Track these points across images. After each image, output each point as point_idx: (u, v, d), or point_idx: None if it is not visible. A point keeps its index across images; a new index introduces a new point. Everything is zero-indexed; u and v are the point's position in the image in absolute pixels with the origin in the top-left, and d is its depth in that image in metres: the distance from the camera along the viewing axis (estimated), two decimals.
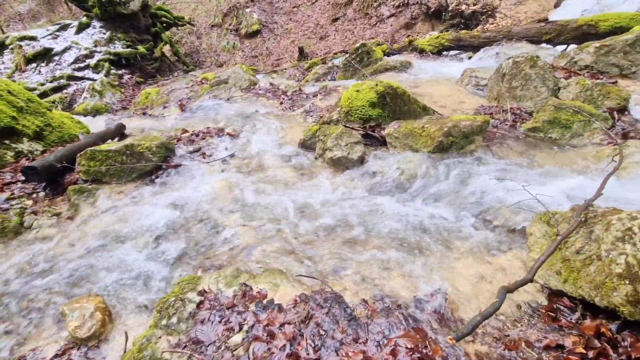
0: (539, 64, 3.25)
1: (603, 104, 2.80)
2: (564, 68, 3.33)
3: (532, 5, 9.36)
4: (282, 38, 15.80)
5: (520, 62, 3.34)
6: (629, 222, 1.28)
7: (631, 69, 3.19)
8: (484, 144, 2.60)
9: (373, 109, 2.93)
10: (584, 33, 4.43)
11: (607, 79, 3.13)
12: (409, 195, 2.30)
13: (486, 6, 9.86)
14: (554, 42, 4.73)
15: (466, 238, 1.95)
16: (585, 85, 2.88)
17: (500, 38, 5.23)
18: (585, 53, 3.30)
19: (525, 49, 4.80)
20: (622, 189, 2.05)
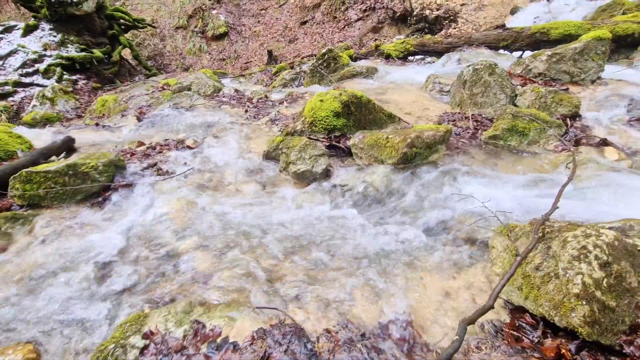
0: (497, 72, 3.34)
1: (557, 111, 2.91)
2: (520, 75, 3.44)
3: (490, 11, 9.79)
4: (251, 41, 15.53)
5: (480, 69, 3.41)
6: (583, 239, 1.28)
7: (580, 75, 3.34)
8: (447, 153, 2.61)
9: (337, 119, 2.87)
10: (537, 40, 4.63)
11: (560, 86, 3.26)
12: (374, 209, 2.25)
13: (448, 11, 10.20)
14: (511, 48, 4.92)
15: (431, 253, 1.92)
16: (540, 92, 2.98)
17: (462, 44, 5.37)
18: (538, 61, 3.42)
19: (485, 54, 4.96)
20: (578, 194, 2.10)
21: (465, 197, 2.17)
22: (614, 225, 1.42)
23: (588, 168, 2.29)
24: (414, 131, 2.47)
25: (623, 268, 1.22)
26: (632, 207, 1.90)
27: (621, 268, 1.22)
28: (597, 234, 1.29)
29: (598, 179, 2.20)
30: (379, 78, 4.95)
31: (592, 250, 1.24)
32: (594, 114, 2.94)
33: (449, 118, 3.46)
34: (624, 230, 1.39)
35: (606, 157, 2.37)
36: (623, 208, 1.94)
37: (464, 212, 2.09)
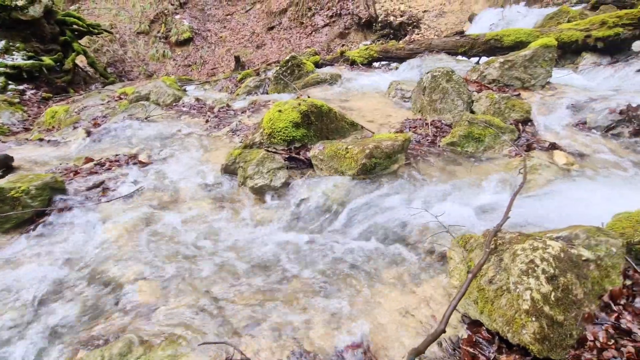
0: (454, 78, 3.41)
1: (510, 116, 2.99)
2: (476, 81, 3.53)
3: (450, 17, 10.18)
4: (217, 46, 15.19)
5: (438, 76, 3.47)
6: (531, 253, 1.28)
7: (531, 81, 3.48)
8: (407, 162, 2.60)
9: (297, 129, 2.79)
10: (492, 47, 4.81)
11: (512, 92, 3.38)
12: (333, 224, 2.18)
13: (411, 18, 10.49)
14: (468, 54, 5.08)
15: (391, 267, 1.88)
16: (494, 98, 3.06)
17: (423, 50, 5.49)
18: (492, 68, 3.53)
19: (445, 60, 5.09)
20: (530, 200, 2.15)
21: (426, 206, 2.16)
22: (561, 234, 1.43)
23: (539, 173, 2.35)
24: (373, 141, 2.44)
25: (569, 280, 1.22)
26: (580, 211, 1.96)
27: (567, 280, 1.22)
28: (544, 247, 1.29)
29: (549, 183, 2.26)
30: (343, 85, 4.94)
31: (539, 264, 1.23)
32: (544, 119, 3.06)
33: (410, 124, 3.48)
34: (570, 239, 1.41)
35: (555, 161, 2.45)
36: (572, 213, 1.99)
37: (424, 223, 2.07)
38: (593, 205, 2.02)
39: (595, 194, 2.13)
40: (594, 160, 2.55)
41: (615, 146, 2.73)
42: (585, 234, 1.41)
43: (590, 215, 1.91)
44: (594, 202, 2.05)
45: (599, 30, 3.96)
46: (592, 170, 2.42)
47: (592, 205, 2.02)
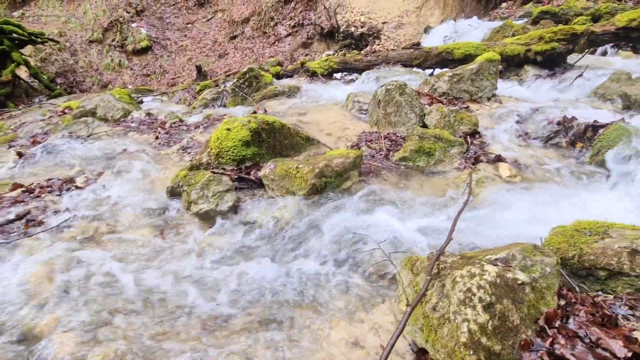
0: (407, 92, 3.46)
1: (459, 129, 3.07)
2: (427, 94, 3.61)
3: (408, 29, 10.57)
4: (178, 55, 14.71)
5: (391, 89, 3.51)
6: (469, 280, 1.25)
7: (478, 94, 3.62)
8: (360, 178, 2.57)
9: (247, 148, 2.68)
10: (444, 59, 4.99)
11: (461, 104, 3.49)
12: (283, 248, 2.09)
13: (372, 29, 10.76)
14: (422, 66, 5.23)
15: (340, 294, 1.81)
16: (444, 112, 3.13)
17: (380, 62, 5.59)
18: (442, 81, 3.64)
19: (401, 72, 5.21)
20: (475, 215, 2.18)
21: (377, 226, 2.12)
22: (499, 255, 1.44)
23: (485, 186, 2.41)
24: (324, 159, 2.39)
25: (506, 307, 1.21)
26: (521, 226, 2.01)
27: (504, 307, 1.21)
28: (481, 272, 1.28)
29: (493, 197, 2.32)
30: (302, 97, 4.89)
31: (476, 292, 1.21)
32: (491, 131, 3.17)
33: (366, 138, 3.48)
34: (508, 260, 1.41)
35: (500, 174, 2.53)
36: (514, 227, 2.04)
37: (375, 243, 2.03)
38: (533, 218, 2.08)
39: (535, 206, 2.20)
40: (535, 171, 2.66)
41: (554, 156, 2.87)
42: (521, 254, 1.42)
43: (530, 229, 1.96)
44: (534, 215, 2.11)
45: (537, 44, 4.22)
46: (533, 182, 2.52)
47: (532, 218, 2.08)
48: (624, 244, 1.49)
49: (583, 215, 2.14)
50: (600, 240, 1.56)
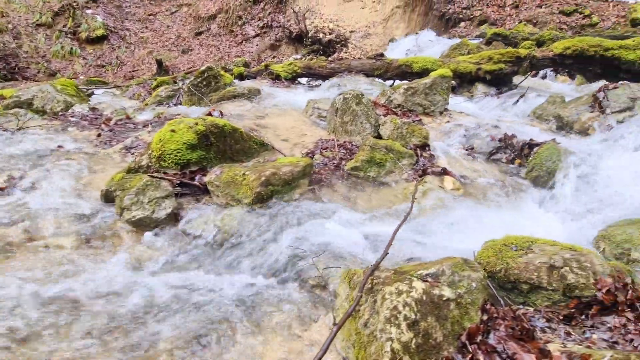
0: (364, 101, 3.50)
1: (411, 141, 3.15)
2: (383, 105, 3.68)
3: (375, 39, 10.85)
4: (137, 47, 13.92)
5: (349, 98, 3.54)
6: (396, 298, 1.25)
7: (431, 108, 3.75)
8: (309, 187, 2.53)
9: (193, 151, 2.54)
10: (403, 71, 5.14)
11: (415, 117, 3.59)
12: (222, 260, 1.99)
13: (340, 37, 10.91)
14: (383, 77, 5.36)
15: (278, 309, 1.74)
16: (397, 124, 3.20)
17: (343, 70, 5.65)
18: (397, 93, 3.73)
19: (362, 81, 5.30)
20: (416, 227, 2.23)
21: (321, 237, 2.09)
22: (430, 270, 1.46)
23: (430, 198, 2.48)
24: (272, 167, 2.32)
25: (429, 324, 1.22)
26: (458, 238, 2.08)
27: (428, 324, 1.22)
28: (408, 290, 1.28)
29: (436, 209, 2.39)
30: (262, 100, 4.79)
31: (402, 310, 1.21)
32: (440, 144, 3.30)
33: (322, 145, 3.46)
34: (438, 275, 1.44)
35: (444, 186, 2.62)
36: (452, 238, 2.11)
37: (320, 255, 2.00)
38: (470, 231, 2.17)
39: (474, 219, 2.30)
40: (477, 185, 2.79)
41: (495, 171, 3.04)
42: (450, 270, 1.45)
43: (468, 241, 2.03)
44: (471, 227, 2.20)
45: (487, 64, 4.49)
46: (474, 195, 2.63)
47: (469, 231, 2.16)
48: (543, 260, 1.58)
49: (517, 229, 2.27)
50: (524, 255, 1.65)
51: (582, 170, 2.62)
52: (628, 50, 3.90)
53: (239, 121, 4.04)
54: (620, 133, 3.03)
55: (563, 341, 1.40)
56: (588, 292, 1.48)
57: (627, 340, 1.36)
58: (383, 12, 11.08)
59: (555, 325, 1.49)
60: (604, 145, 2.97)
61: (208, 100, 4.65)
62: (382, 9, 10.89)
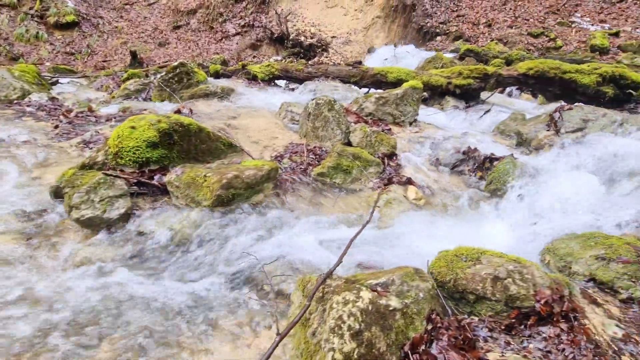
0: (336, 108, 3.53)
1: (379, 150, 3.21)
2: (355, 113, 3.72)
3: (355, 46, 11.01)
4: (111, 37, 13.35)
5: (321, 104, 3.55)
6: (342, 307, 1.26)
7: (401, 118, 3.84)
8: (274, 192, 2.51)
9: (154, 150, 2.45)
10: (378, 80, 5.24)
11: (385, 126, 3.66)
12: (174, 264, 1.92)
13: (321, 41, 10.98)
14: (359, 84, 5.44)
15: (231, 315, 1.70)
16: (366, 132, 3.25)
17: (320, 75, 5.68)
18: (369, 102, 3.79)
19: (338, 87, 5.34)
20: (376, 235, 2.26)
21: (280, 242, 2.07)
22: (380, 280, 1.48)
23: (392, 207, 2.52)
24: (235, 170, 2.28)
25: (373, 334, 1.23)
26: (416, 248, 2.13)
27: (371, 335, 1.23)
28: (355, 299, 1.29)
29: (398, 218, 2.44)
30: (235, 100, 4.72)
31: (346, 320, 1.22)
32: (408, 154, 3.37)
33: (293, 149, 3.45)
34: (387, 285, 1.46)
35: (408, 196, 2.68)
36: (410, 247, 2.15)
37: (277, 259, 1.97)
38: (429, 240, 2.23)
39: (433, 229, 2.37)
40: (439, 196, 2.88)
41: (458, 182, 3.15)
42: (400, 279, 1.48)
43: (424, 250, 2.08)
44: (430, 237, 2.26)
45: (457, 79, 4.66)
46: (436, 205, 2.71)
47: (428, 240, 2.22)
48: (489, 271, 1.64)
49: (473, 239, 2.35)
50: (473, 266, 1.71)
51: (534, 185, 2.77)
52: (583, 75, 4.17)
53: (209, 120, 3.95)
54: (571, 152, 3.24)
55: (502, 350, 1.46)
56: (528, 303, 1.56)
57: (559, 350, 1.43)
58: (364, 21, 11.28)
59: (496, 335, 1.55)
60: (556, 163, 3.16)
61: (179, 97, 4.52)
62: (364, 18, 11.07)
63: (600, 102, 4.23)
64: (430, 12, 10.17)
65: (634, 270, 1.81)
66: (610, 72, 4.04)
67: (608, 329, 1.58)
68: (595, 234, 2.13)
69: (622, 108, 4.26)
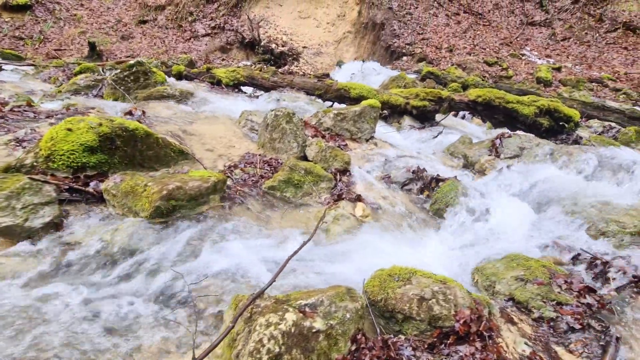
0: (294, 121, 3.56)
1: (333, 165, 3.27)
2: (313, 127, 3.78)
3: (326, 58, 11.22)
4: (69, 25, 12.52)
5: (280, 116, 3.56)
6: (264, 330, 1.26)
7: (358, 134, 3.95)
8: (221, 204, 2.46)
9: (92, 154, 2.32)
10: (341, 95, 5.37)
11: (341, 142, 3.75)
12: (103, 277, 1.81)
13: (292, 50, 11.06)
14: (323, 97, 5.54)
15: (157, 334, 1.63)
16: (322, 147, 3.31)
17: (285, 85, 5.71)
18: (327, 117, 3.87)
19: (302, 99, 5.40)
20: (321, 252, 2.30)
21: (219, 257, 2.03)
22: (309, 300, 1.50)
23: (339, 224, 2.58)
24: (178, 180, 2.21)
25: (294, 357, 1.24)
26: (355, 265, 2.19)
27: (292, 358, 1.24)
28: (278, 322, 1.30)
29: (343, 235, 2.49)
30: (195, 104, 4.60)
31: (266, 343, 1.22)
32: (361, 170, 3.47)
33: (249, 160, 3.42)
34: (316, 306, 1.49)
35: (355, 212, 2.75)
36: (351, 265, 2.21)
37: (216, 277, 1.93)
38: (370, 258, 2.29)
39: (375, 247, 2.44)
40: (387, 213, 2.98)
41: (406, 200, 3.29)
42: (329, 300, 1.51)
43: (363, 269, 2.14)
44: (371, 255, 2.33)
45: (414, 100, 4.90)
46: (382, 223, 2.81)
47: (368, 258, 2.29)
48: (416, 291, 1.73)
49: (412, 258, 2.46)
50: (403, 286, 1.79)
51: (472, 206, 2.97)
52: (524, 106, 4.57)
53: (163, 124, 3.81)
54: (508, 176, 3.52)
55: None
56: (449, 322, 1.65)
57: None
58: (336, 34, 11.55)
59: (419, 354, 1.62)
60: (494, 186, 3.41)
61: (133, 97, 4.32)
62: (335, 31, 11.34)
63: (538, 131, 4.65)
64: (398, 33, 10.65)
65: (546, 292, 2.00)
66: (546, 105, 4.46)
67: (518, 346, 1.72)
68: (519, 256, 2.32)
69: (556, 138, 4.71)
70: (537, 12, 12.17)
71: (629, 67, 10.57)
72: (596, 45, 11.36)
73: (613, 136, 5.75)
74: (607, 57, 11.00)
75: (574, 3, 12.15)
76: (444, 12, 11.17)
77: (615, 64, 10.78)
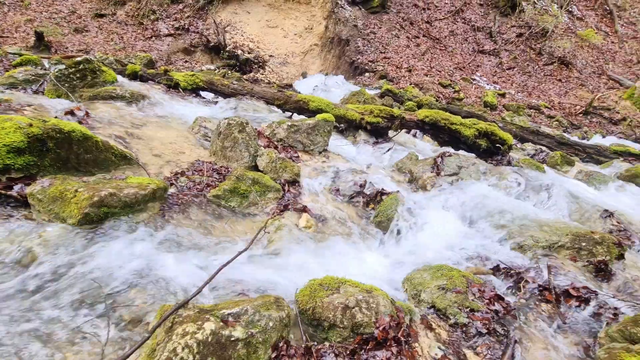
0: (247, 130, 3.59)
1: (282, 176, 3.34)
2: (267, 137, 3.84)
3: (291, 68, 11.39)
4: (14, 11, 11.56)
5: (232, 124, 3.58)
6: (180, 339, 1.28)
7: (311, 147, 4.07)
8: (160, 212, 2.42)
9: (18, 156, 2.19)
10: (300, 107, 5.49)
11: (294, 153, 3.84)
12: (20, 288, 1.71)
13: (258, 58, 11.09)
14: (282, 108, 5.62)
15: (80, 348, 1.58)
16: (272, 157, 3.37)
17: (245, 93, 5.72)
18: (281, 128, 3.95)
19: (261, 108, 5.45)
20: (260, 262, 2.34)
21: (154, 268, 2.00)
22: (233, 310, 1.54)
23: (281, 234, 2.64)
24: (113, 186, 2.15)
25: None
26: (295, 274, 2.25)
27: None
28: (194, 331, 1.32)
29: (284, 245, 2.55)
30: (146, 107, 4.47)
31: (179, 352, 1.24)
32: (310, 182, 3.58)
33: (198, 167, 3.38)
34: (239, 315, 1.53)
35: (299, 223, 2.83)
36: (288, 275, 2.27)
37: (144, 287, 1.90)
38: (307, 269, 2.38)
39: (315, 257, 2.53)
40: (331, 224, 3.10)
41: (352, 213, 3.43)
42: (253, 309, 1.56)
43: (297, 280, 2.21)
44: (309, 265, 2.42)
45: (368, 116, 5.15)
46: (325, 234, 2.91)
47: (305, 269, 2.37)
48: (342, 300, 1.83)
49: (350, 268, 2.58)
50: (331, 295, 1.88)
51: (412, 220, 3.18)
52: (465, 127, 4.99)
53: (107, 126, 3.66)
54: (446, 192, 3.81)
55: None
56: (369, 329, 1.77)
57: None
58: (303, 46, 11.77)
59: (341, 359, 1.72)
60: (433, 201, 3.68)
61: (78, 96, 4.11)
62: (302, 43, 11.56)
63: (477, 151, 5.09)
64: (361, 50, 11.11)
65: (462, 300, 2.20)
66: (484, 128, 4.91)
67: (432, 350, 1.88)
68: (443, 267, 2.53)
69: (492, 159, 5.18)
70: (487, 42, 13.33)
71: (561, 97, 11.89)
72: (536, 75, 12.66)
73: (542, 159, 6.43)
74: (545, 87, 12.30)
75: (518, 37, 13.50)
76: (405, 34, 11.86)
77: (551, 93, 12.09)
